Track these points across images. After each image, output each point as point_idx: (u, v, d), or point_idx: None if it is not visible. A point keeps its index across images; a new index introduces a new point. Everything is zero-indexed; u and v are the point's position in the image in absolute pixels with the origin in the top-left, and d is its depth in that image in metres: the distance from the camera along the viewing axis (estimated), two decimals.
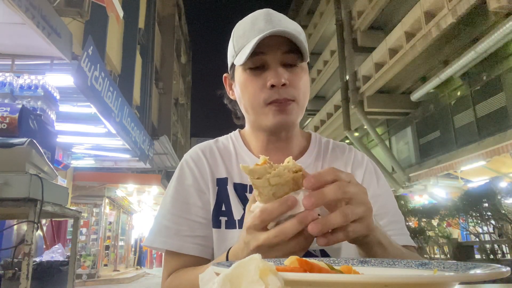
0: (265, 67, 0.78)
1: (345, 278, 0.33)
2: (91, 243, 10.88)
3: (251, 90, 0.78)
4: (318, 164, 0.87)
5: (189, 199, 0.82)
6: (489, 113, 9.18)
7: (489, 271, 0.37)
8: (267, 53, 0.76)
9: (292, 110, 0.78)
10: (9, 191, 1.91)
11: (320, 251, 0.77)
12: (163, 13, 19.68)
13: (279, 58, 0.77)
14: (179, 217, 0.79)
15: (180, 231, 0.78)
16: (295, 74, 0.78)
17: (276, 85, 0.75)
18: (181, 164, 0.88)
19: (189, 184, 0.83)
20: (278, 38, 0.75)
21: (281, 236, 0.51)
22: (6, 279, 2.39)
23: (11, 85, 2.96)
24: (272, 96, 0.76)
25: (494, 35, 7.86)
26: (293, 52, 0.76)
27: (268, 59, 0.77)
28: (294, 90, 0.77)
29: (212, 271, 0.39)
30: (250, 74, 0.79)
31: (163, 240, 0.78)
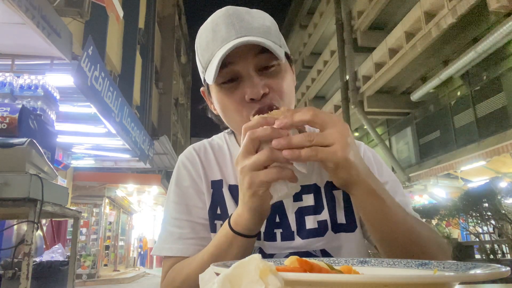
0: (239, 79, 0.70)
1: (345, 278, 0.33)
2: (91, 243, 10.88)
3: (231, 107, 0.71)
4: None
5: (189, 201, 0.80)
6: (489, 113, 9.18)
7: (489, 271, 0.37)
8: (237, 62, 0.68)
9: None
10: (9, 191, 1.91)
11: (321, 250, 0.76)
12: (163, 13, 19.68)
13: (252, 64, 0.68)
14: (181, 221, 0.79)
15: (183, 235, 0.77)
16: (273, 77, 0.70)
17: (255, 98, 0.67)
18: (177, 166, 0.86)
19: (188, 186, 0.82)
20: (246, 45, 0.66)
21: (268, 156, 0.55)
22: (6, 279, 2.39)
23: (11, 85, 2.96)
24: (254, 107, 0.68)
25: (494, 35, 7.86)
26: (267, 51, 0.67)
27: (239, 69, 0.68)
28: (276, 95, 0.70)
29: (212, 271, 0.39)
30: (224, 91, 0.71)
31: (168, 246, 0.77)
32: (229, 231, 0.63)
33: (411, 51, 10.45)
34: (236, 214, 0.63)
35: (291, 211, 0.78)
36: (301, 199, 0.79)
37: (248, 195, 0.58)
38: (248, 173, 0.56)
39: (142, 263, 17.89)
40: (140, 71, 13.30)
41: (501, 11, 7.69)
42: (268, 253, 0.76)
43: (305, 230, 0.77)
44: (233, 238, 0.62)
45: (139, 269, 15.93)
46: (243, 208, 0.60)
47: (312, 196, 0.79)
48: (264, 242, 0.76)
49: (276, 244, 0.76)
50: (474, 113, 9.64)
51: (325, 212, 0.78)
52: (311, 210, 0.78)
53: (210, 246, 0.67)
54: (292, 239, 0.76)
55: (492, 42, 8.02)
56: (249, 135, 0.57)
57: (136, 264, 16.69)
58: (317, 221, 0.77)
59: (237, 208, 0.63)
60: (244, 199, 0.59)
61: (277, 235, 0.77)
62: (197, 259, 0.69)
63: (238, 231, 0.62)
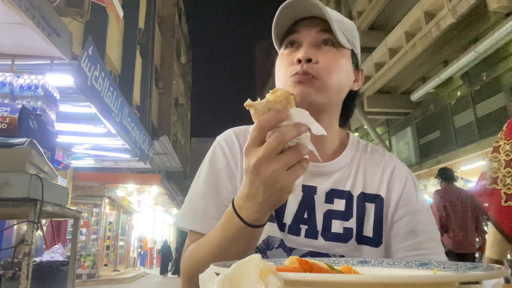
0: (300, 46, 0.78)
1: (345, 278, 0.33)
2: (91, 243, 10.87)
3: (281, 67, 0.79)
4: (355, 163, 0.84)
5: (220, 182, 0.81)
6: (489, 113, 9.17)
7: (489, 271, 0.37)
8: (301, 31, 0.78)
9: (311, 85, 0.74)
10: (9, 191, 1.91)
11: (340, 256, 0.76)
12: (163, 13, 19.68)
13: (312, 36, 0.77)
14: (209, 199, 0.79)
15: (207, 213, 0.77)
16: (326, 53, 0.76)
17: (302, 60, 0.74)
18: (214, 147, 0.86)
19: (221, 168, 0.82)
20: (315, 20, 0.77)
21: (280, 137, 0.52)
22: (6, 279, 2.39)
23: (11, 85, 2.96)
24: (296, 69, 0.75)
25: (494, 35, 7.86)
26: (329, 32, 0.76)
27: (300, 37, 0.78)
28: (318, 67, 0.75)
29: (212, 271, 0.39)
30: (283, 56, 0.80)
31: (191, 221, 0.78)
32: (240, 222, 0.61)
33: (411, 51, 10.45)
34: (251, 209, 0.60)
35: (320, 210, 0.78)
36: (332, 202, 0.79)
37: (277, 190, 0.56)
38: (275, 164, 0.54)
39: (142, 263, 17.89)
40: (140, 71, 13.30)
41: (501, 11, 7.68)
42: (289, 246, 0.76)
43: (330, 233, 0.77)
44: (244, 229, 0.61)
45: (139, 269, 15.93)
46: (261, 202, 0.58)
47: (343, 202, 0.79)
48: (287, 234, 0.76)
49: (299, 240, 0.76)
50: (474, 113, 9.63)
51: (353, 221, 0.78)
52: (340, 215, 0.78)
53: (219, 235, 0.65)
54: (316, 238, 0.76)
55: (492, 42, 8.02)
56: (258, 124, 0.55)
57: (136, 264, 16.69)
58: (343, 227, 0.77)
59: (246, 198, 0.60)
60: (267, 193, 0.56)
61: (302, 231, 0.77)
62: (207, 247, 0.68)
63: (251, 223, 0.60)
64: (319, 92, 0.75)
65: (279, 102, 0.54)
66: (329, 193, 0.79)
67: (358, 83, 0.85)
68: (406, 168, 0.87)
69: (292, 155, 0.54)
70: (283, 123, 0.53)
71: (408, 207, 0.80)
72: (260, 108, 0.54)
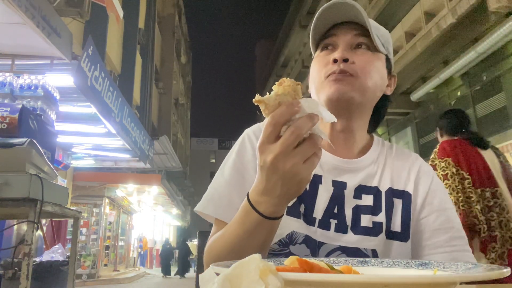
0: (335, 49, 0.81)
1: (345, 278, 0.33)
2: (91, 243, 10.87)
3: (316, 68, 0.82)
4: (381, 161, 0.86)
5: (246, 174, 0.81)
6: (489, 113, 9.17)
7: (489, 271, 0.37)
8: (337, 34, 0.81)
9: (349, 83, 0.76)
10: (9, 191, 1.91)
11: (372, 250, 0.77)
12: (163, 13, 19.67)
13: (348, 39, 0.80)
14: (234, 189, 0.80)
15: (232, 203, 0.78)
16: (362, 55, 0.79)
17: (338, 59, 0.77)
18: (242, 138, 0.87)
19: (248, 160, 0.83)
20: (351, 24, 0.80)
21: (296, 131, 0.52)
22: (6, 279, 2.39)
23: (11, 85, 2.96)
24: (332, 68, 0.77)
25: (494, 35, 7.85)
26: (365, 36, 0.79)
27: (336, 40, 0.81)
28: (355, 66, 0.77)
29: (212, 271, 0.39)
30: (319, 57, 0.83)
31: (214, 208, 0.79)
32: (258, 216, 0.61)
33: (411, 51, 10.44)
34: (269, 203, 0.60)
35: (349, 205, 0.80)
36: (360, 198, 0.81)
37: (296, 183, 0.56)
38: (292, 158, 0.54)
39: (142, 263, 17.89)
40: (140, 71, 13.29)
41: (501, 11, 7.68)
42: (319, 240, 0.77)
43: (360, 227, 0.78)
44: (263, 222, 0.61)
45: (139, 269, 15.93)
46: (280, 195, 0.58)
47: (371, 197, 0.81)
48: (318, 229, 0.78)
49: (329, 234, 0.78)
50: (474, 113, 9.63)
51: (382, 215, 0.79)
52: (369, 210, 0.80)
53: (238, 229, 0.66)
54: (345, 233, 0.78)
55: (492, 42, 8.01)
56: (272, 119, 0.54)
57: (136, 264, 16.69)
58: (372, 221, 0.79)
59: (263, 193, 0.60)
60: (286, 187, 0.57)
61: (332, 225, 0.78)
62: (226, 240, 0.69)
63: (269, 216, 0.61)
64: (355, 91, 0.77)
65: (287, 94, 0.53)
66: (357, 189, 0.81)
67: (390, 88, 0.88)
68: (431, 168, 0.90)
69: (309, 147, 0.54)
70: (296, 116, 0.53)
71: (434, 205, 0.82)
72: (271, 103, 0.53)
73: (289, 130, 0.53)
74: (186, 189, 22.84)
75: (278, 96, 0.53)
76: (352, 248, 0.77)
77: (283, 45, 28.48)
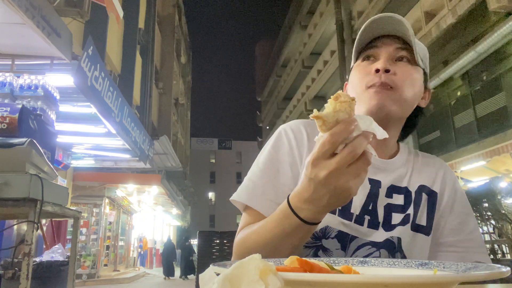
0: (377, 59, 0.83)
1: (345, 278, 0.33)
2: (91, 243, 10.87)
3: (358, 76, 0.84)
4: (410, 164, 0.91)
5: (281, 168, 0.84)
6: (489, 113, 9.16)
7: (489, 271, 0.37)
8: (380, 46, 0.84)
9: (389, 96, 0.79)
10: (9, 191, 1.91)
11: (398, 238, 0.82)
12: (163, 13, 19.67)
13: (391, 53, 0.83)
14: (268, 181, 0.82)
15: (266, 194, 0.80)
16: (403, 67, 0.82)
17: (380, 69, 0.79)
18: (279, 132, 0.89)
19: (284, 153, 0.85)
20: (393, 38, 0.84)
21: (354, 151, 0.54)
22: (6, 279, 2.39)
23: (11, 85, 2.96)
24: (374, 79, 0.80)
25: (494, 35, 7.85)
26: (406, 49, 0.83)
27: (379, 51, 0.84)
28: (396, 78, 0.80)
29: (212, 271, 0.39)
30: (360, 67, 0.85)
31: (248, 197, 0.81)
32: (298, 221, 0.63)
33: None
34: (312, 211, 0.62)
35: (381, 203, 0.85)
36: (391, 197, 0.86)
37: (345, 197, 0.58)
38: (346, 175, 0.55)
39: (142, 263, 17.87)
40: (140, 71, 13.29)
41: (501, 11, 7.68)
42: (352, 234, 0.81)
43: (390, 225, 0.84)
44: (302, 226, 0.64)
45: (139, 269, 15.92)
46: (325, 205, 0.60)
47: (402, 197, 0.86)
48: (352, 224, 0.82)
49: (362, 229, 0.82)
50: (474, 113, 9.63)
51: (411, 209, 0.86)
52: (400, 208, 0.85)
53: (275, 229, 0.68)
54: (377, 229, 0.83)
55: (492, 42, 8.01)
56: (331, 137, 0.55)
57: (136, 264, 16.68)
58: (401, 218, 0.85)
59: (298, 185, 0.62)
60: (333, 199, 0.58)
61: (365, 221, 0.83)
62: (261, 237, 0.71)
63: (309, 221, 0.63)
64: (395, 104, 0.80)
65: (344, 110, 0.54)
66: (389, 188, 0.86)
67: (425, 101, 0.92)
68: (454, 173, 0.96)
69: (362, 165, 0.56)
70: (353, 134, 0.54)
71: (455, 207, 0.90)
72: (329, 120, 0.54)
73: (346, 149, 0.54)
74: (186, 189, 22.82)
75: (336, 113, 0.54)
76: (381, 242, 0.82)
77: (283, 45, 28.47)
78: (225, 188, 43.91)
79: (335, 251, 0.81)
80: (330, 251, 0.81)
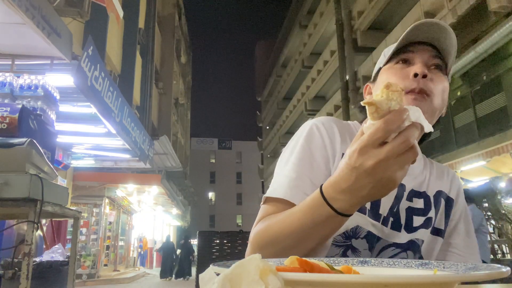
0: (411, 64, 0.83)
1: (345, 278, 0.33)
2: (91, 243, 10.87)
3: (394, 79, 0.83)
4: (426, 172, 0.94)
5: (314, 161, 0.83)
6: (489, 113, 9.17)
7: (489, 271, 0.37)
8: (416, 51, 0.84)
9: (425, 104, 0.79)
10: (9, 191, 1.91)
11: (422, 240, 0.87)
12: (163, 13, 19.67)
13: (426, 57, 0.83)
14: (303, 174, 0.81)
15: (300, 186, 0.78)
16: (437, 75, 0.83)
17: (418, 74, 0.79)
18: (310, 127, 0.88)
19: (317, 147, 0.84)
20: (428, 45, 0.84)
21: (407, 141, 0.52)
22: (6, 279, 2.39)
23: (11, 85, 2.96)
24: (412, 84, 0.79)
25: (494, 35, 7.85)
26: (440, 58, 0.84)
27: (414, 56, 0.84)
28: (433, 85, 0.80)
29: (212, 271, 0.39)
30: (394, 69, 0.85)
31: (284, 190, 0.79)
32: (330, 211, 0.62)
33: None
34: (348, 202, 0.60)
35: (403, 207, 0.87)
36: (411, 201, 0.88)
37: (388, 188, 0.56)
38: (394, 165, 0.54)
39: (142, 263, 17.88)
40: (140, 71, 13.29)
41: (501, 11, 7.68)
42: (378, 235, 0.82)
43: (412, 227, 0.86)
44: (334, 217, 0.62)
45: (139, 269, 15.93)
46: (365, 196, 0.58)
47: (422, 201, 0.89)
48: (379, 225, 0.83)
49: (385, 230, 0.83)
50: (474, 113, 9.63)
51: (432, 212, 0.89)
52: (420, 212, 0.88)
53: (304, 219, 0.66)
54: (399, 231, 0.85)
55: (492, 42, 8.01)
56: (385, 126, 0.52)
57: (136, 264, 16.68)
58: (423, 220, 0.88)
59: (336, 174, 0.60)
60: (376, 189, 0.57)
61: (389, 222, 0.84)
62: (287, 225, 0.69)
63: (343, 213, 0.62)
64: (427, 113, 0.80)
65: (395, 99, 0.52)
66: (410, 192, 0.88)
67: (444, 111, 0.91)
68: (461, 182, 1.02)
69: (411, 156, 0.54)
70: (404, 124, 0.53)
71: (462, 212, 0.96)
72: (383, 107, 0.52)
73: (399, 138, 0.52)
74: (186, 189, 22.82)
75: (389, 101, 0.52)
76: (404, 244, 0.84)
77: (283, 45, 28.47)
78: (225, 188, 43.92)
79: (363, 251, 0.81)
80: (359, 251, 0.81)
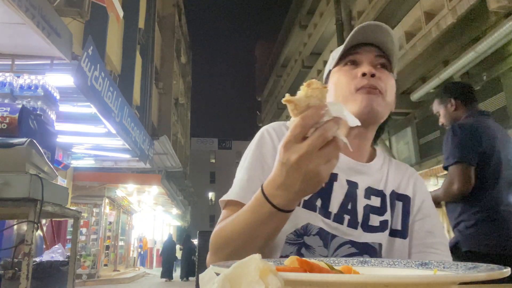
0: (358, 65, 0.89)
1: (345, 278, 0.33)
2: (91, 243, 10.87)
3: (344, 80, 0.89)
4: (385, 169, 0.96)
5: (265, 164, 0.87)
6: None
7: (489, 271, 0.37)
8: (361, 53, 0.89)
9: (378, 99, 0.85)
10: (9, 191, 1.91)
11: (379, 244, 0.86)
12: (163, 13, 19.67)
13: (371, 58, 0.89)
14: (254, 176, 0.85)
15: (252, 187, 0.81)
16: (384, 73, 0.88)
17: (366, 73, 0.84)
18: (262, 133, 0.93)
19: (268, 151, 0.89)
20: (372, 47, 0.89)
21: (324, 134, 0.55)
22: (6, 279, 2.39)
23: (11, 85, 2.96)
24: (362, 82, 0.85)
25: (494, 35, 7.85)
26: (384, 57, 0.89)
27: (361, 57, 0.89)
28: (382, 83, 0.86)
29: (212, 271, 0.39)
30: (343, 71, 0.90)
31: (236, 192, 0.83)
32: (272, 208, 0.64)
33: (411, 51, 10.45)
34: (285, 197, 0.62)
35: (361, 204, 0.88)
36: (369, 198, 0.89)
37: (316, 182, 0.59)
38: (316, 159, 0.56)
39: (142, 263, 17.88)
40: (140, 71, 13.30)
41: (501, 11, 7.68)
42: (332, 233, 0.84)
43: (368, 225, 0.87)
44: (276, 214, 0.64)
45: (139, 269, 15.93)
46: (297, 191, 0.60)
47: (379, 199, 0.90)
48: (332, 222, 0.85)
49: (342, 228, 0.85)
50: None
51: (388, 214, 0.90)
52: (377, 210, 0.89)
53: (250, 218, 0.68)
54: (356, 228, 0.86)
55: (492, 42, 8.01)
56: (302, 121, 0.55)
57: (136, 264, 16.69)
58: (379, 221, 0.88)
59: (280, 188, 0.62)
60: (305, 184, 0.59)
61: (345, 220, 0.86)
62: (237, 226, 0.72)
63: (283, 209, 0.64)
64: (381, 107, 0.87)
65: (315, 96, 0.55)
66: (367, 190, 0.90)
67: (395, 92, 0.97)
68: (423, 179, 1.02)
69: (332, 150, 0.57)
70: (323, 119, 0.55)
71: (426, 210, 0.95)
72: (301, 104, 0.55)
73: (317, 132, 0.55)
74: (186, 189, 22.82)
75: (307, 98, 0.54)
76: (360, 243, 0.85)
77: (283, 45, 28.47)
78: (225, 188, 43.58)
79: (318, 248, 0.83)
80: (313, 248, 0.83)
